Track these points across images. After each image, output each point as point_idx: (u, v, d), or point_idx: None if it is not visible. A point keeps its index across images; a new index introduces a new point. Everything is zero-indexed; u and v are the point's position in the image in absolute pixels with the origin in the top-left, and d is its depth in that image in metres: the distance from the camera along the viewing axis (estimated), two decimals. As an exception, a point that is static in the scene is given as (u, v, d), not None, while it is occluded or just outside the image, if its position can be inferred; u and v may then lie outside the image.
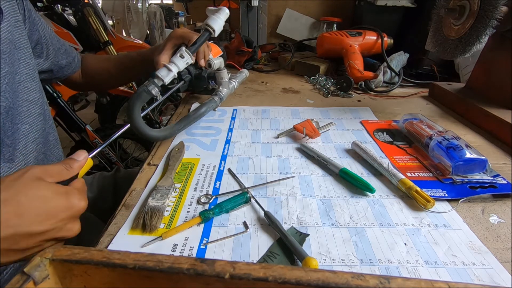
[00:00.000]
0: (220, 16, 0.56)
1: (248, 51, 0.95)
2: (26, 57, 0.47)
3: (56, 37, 0.58)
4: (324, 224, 0.36)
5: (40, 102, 0.50)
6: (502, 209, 0.38)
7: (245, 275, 0.19)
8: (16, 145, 0.44)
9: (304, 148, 0.51)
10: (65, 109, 1.10)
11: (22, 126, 0.45)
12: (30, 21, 0.49)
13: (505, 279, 0.29)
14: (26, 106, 0.46)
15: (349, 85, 0.77)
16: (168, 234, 0.34)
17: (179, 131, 0.55)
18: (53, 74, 0.59)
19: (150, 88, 0.48)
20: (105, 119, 1.72)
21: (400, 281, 0.19)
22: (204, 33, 0.55)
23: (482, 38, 0.51)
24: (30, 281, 0.20)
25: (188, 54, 0.52)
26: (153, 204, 0.38)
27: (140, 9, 2.05)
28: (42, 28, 0.53)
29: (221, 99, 0.62)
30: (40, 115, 0.49)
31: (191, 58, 0.53)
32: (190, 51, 0.53)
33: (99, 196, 0.67)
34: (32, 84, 0.48)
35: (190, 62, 0.53)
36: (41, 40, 0.52)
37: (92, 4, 1.38)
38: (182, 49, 0.52)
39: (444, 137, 0.45)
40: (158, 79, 0.49)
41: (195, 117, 0.57)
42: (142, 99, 0.47)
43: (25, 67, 0.47)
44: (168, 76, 0.50)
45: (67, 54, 0.60)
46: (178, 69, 0.51)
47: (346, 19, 1.14)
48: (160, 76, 0.49)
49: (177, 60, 0.51)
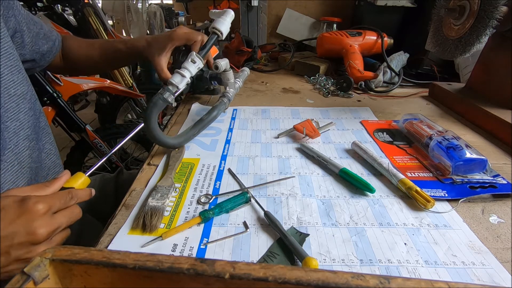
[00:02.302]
0: (226, 18, 0.56)
1: (248, 51, 0.95)
2: (8, 47, 0.43)
3: (33, 20, 0.52)
4: (324, 224, 0.36)
5: (29, 96, 0.47)
6: (502, 209, 0.38)
7: (245, 275, 0.19)
8: (6, 145, 0.42)
9: (304, 148, 0.51)
10: (65, 109, 1.10)
11: (11, 124, 0.43)
12: (4, 5, 0.45)
13: (505, 279, 0.29)
14: (15, 102, 0.43)
15: (349, 85, 0.77)
16: (168, 234, 0.34)
17: (194, 136, 0.54)
18: (36, 63, 0.54)
19: (166, 96, 0.48)
20: (105, 119, 1.72)
21: (400, 281, 0.19)
22: (212, 36, 0.55)
23: (482, 38, 0.51)
24: (30, 281, 0.20)
25: (199, 59, 0.52)
26: (153, 204, 0.38)
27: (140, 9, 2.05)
28: (18, 13, 0.48)
29: (229, 100, 0.62)
30: (31, 110, 0.47)
31: (202, 63, 0.53)
32: (200, 55, 0.52)
33: (100, 198, 0.66)
34: (18, 76, 0.45)
35: (201, 67, 0.53)
36: (19, 27, 0.47)
37: (92, 4, 1.38)
38: (193, 54, 0.51)
39: (444, 137, 0.45)
40: (173, 86, 0.49)
41: (208, 121, 0.57)
42: (159, 108, 0.47)
43: (7, 58, 0.43)
44: (182, 82, 0.49)
45: (47, 39, 0.55)
46: (190, 74, 0.51)
47: (346, 19, 1.14)
48: (174, 83, 0.49)
49: (189, 65, 0.51)
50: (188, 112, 0.68)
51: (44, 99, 1.04)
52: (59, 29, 1.30)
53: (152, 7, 2.14)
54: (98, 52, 0.63)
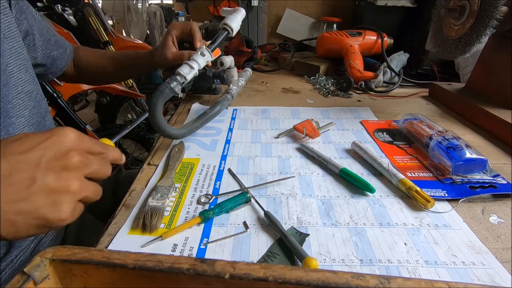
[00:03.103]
0: (238, 16, 0.57)
1: (248, 51, 0.95)
2: (18, 46, 0.44)
3: (47, 27, 0.55)
4: (324, 224, 0.36)
5: (35, 94, 0.48)
6: (502, 209, 0.38)
7: (245, 275, 0.19)
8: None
9: (304, 148, 0.51)
10: (65, 109, 1.10)
11: (17, 120, 0.43)
12: (17, 8, 0.46)
13: (505, 279, 0.29)
14: (22, 99, 0.44)
15: (349, 85, 0.77)
16: (168, 234, 0.34)
17: (197, 129, 0.55)
18: (48, 69, 0.56)
19: (173, 86, 0.47)
20: (105, 119, 1.72)
21: (400, 281, 0.19)
22: (222, 32, 0.56)
23: (482, 38, 0.51)
24: (30, 281, 0.20)
25: (209, 52, 0.52)
26: (153, 204, 0.38)
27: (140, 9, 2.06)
28: (31, 17, 0.50)
29: (232, 97, 0.62)
30: (35, 108, 0.47)
31: (211, 56, 0.53)
32: (210, 49, 0.52)
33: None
34: (26, 75, 0.46)
35: (209, 60, 0.52)
36: (30, 30, 0.49)
37: (92, 4, 1.38)
38: (203, 47, 0.52)
39: (444, 137, 0.45)
40: (181, 76, 0.48)
41: (212, 115, 0.57)
42: (165, 96, 0.47)
43: (17, 57, 0.44)
44: (190, 73, 0.49)
45: (58, 45, 0.57)
46: (199, 66, 0.50)
47: (346, 19, 1.14)
48: (182, 74, 0.48)
49: (198, 57, 0.50)
50: (188, 112, 0.68)
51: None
52: (59, 29, 1.30)
53: (152, 7, 2.14)
54: (110, 62, 0.66)
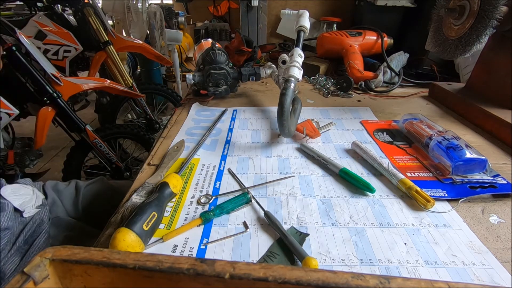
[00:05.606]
0: (305, 17, 0.62)
1: (248, 51, 0.95)
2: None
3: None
4: (324, 224, 0.36)
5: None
6: (502, 209, 0.38)
7: (245, 275, 0.19)
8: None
9: (304, 148, 0.51)
10: (65, 109, 1.10)
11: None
12: None
13: (505, 279, 0.29)
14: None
15: (349, 85, 0.77)
16: (169, 236, 0.34)
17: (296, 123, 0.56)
18: None
19: (292, 87, 0.51)
20: (105, 119, 1.72)
21: (400, 281, 0.19)
22: (300, 34, 0.60)
23: (482, 38, 0.51)
24: (30, 281, 0.20)
25: (302, 53, 0.56)
26: (135, 201, 0.38)
27: (140, 9, 2.05)
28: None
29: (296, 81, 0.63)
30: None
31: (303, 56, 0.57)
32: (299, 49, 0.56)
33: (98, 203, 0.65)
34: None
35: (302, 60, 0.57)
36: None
37: (92, 4, 1.37)
38: (297, 49, 0.55)
39: (444, 137, 0.45)
40: (295, 78, 0.52)
41: (300, 109, 0.60)
42: (291, 96, 0.50)
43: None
44: (299, 74, 0.53)
45: None
46: (300, 66, 0.54)
47: (346, 19, 1.14)
48: (296, 76, 0.52)
49: (299, 59, 0.54)
50: (188, 112, 0.68)
51: (44, 99, 1.04)
52: (59, 29, 1.29)
53: (152, 7, 2.14)
54: None
